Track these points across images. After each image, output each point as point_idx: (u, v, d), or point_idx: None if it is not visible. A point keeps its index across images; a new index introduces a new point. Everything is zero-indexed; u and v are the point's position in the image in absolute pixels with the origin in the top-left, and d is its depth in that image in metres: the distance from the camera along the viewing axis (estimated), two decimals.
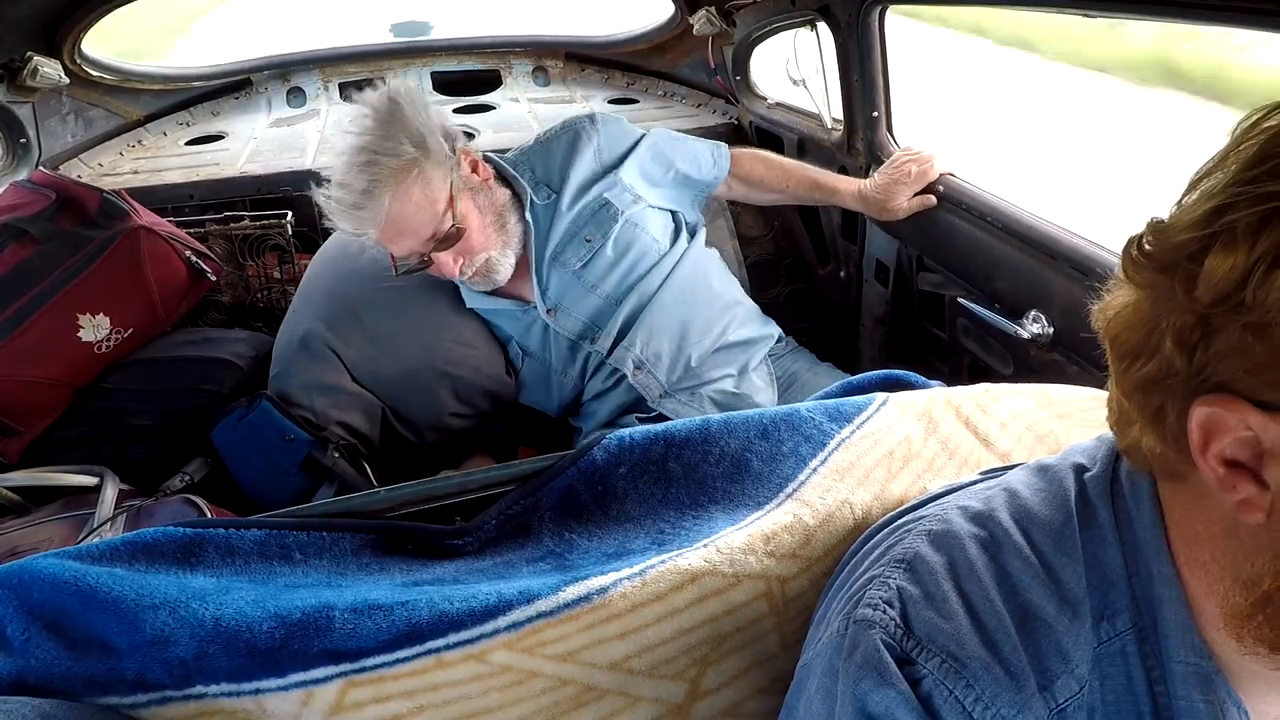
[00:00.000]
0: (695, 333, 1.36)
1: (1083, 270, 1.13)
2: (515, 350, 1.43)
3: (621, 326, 1.35)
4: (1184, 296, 0.41)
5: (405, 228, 1.23)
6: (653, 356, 1.34)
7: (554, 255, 1.35)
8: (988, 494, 0.56)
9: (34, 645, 0.61)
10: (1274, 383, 0.39)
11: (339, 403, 1.33)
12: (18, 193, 1.49)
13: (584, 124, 1.43)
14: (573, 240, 1.35)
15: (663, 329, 1.35)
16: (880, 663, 0.48)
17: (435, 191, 1.23)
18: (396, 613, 0.63)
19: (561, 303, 1.36)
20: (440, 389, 1.38)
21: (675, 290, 1.36)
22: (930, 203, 1.43)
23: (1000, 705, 0.46)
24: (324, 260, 1.52)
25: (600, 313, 1.36)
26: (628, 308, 1.34)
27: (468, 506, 0.81)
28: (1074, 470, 0.54)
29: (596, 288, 1.35)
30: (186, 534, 0.70)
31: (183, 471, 1.28)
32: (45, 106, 1.82)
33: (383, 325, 1.36)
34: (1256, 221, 0.38)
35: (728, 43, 2.06)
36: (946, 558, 0.52)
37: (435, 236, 1.24)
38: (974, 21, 8.14)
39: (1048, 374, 1.19)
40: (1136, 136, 5.51)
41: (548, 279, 1.36)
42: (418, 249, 1.26)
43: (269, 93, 2.39)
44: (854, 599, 0.54)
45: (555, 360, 1.40)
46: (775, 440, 0.79)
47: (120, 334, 1.43)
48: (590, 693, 0.64)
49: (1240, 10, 0.80)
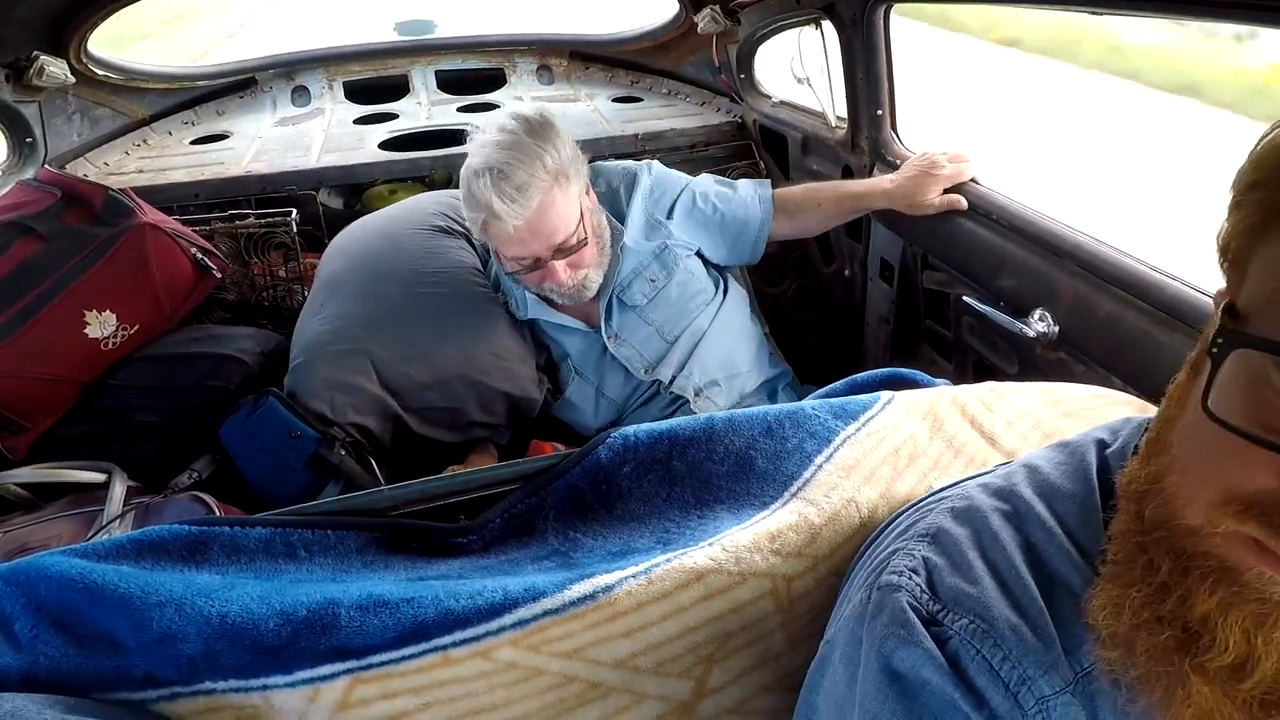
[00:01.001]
0: (742, 365, 1.47)
1: (1088, 268, 1.12)
2: (568, 369, 1.48)
3: (680, 359, 1.43)
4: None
5: (542, 230, 1.28)
6: (709, 384, 1.44)
7: (622, 287, 1.43)
8: (1007, 470, 0.57)
9: (42, 642, 0.62)
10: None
11: (357, 404, 1.33)
12: (24, 191, 1.50)
13: (641, 168, 1.51)
14: (638, 277, 1.43)
15: (714, 361, 1.44)
16: (906, 622, 0.48)
17: (573, 204, 1.31)
18: (403, 610, 0.63)
19: (621, 333, 1.44)
20: (468, 398, 1.39)
21: (721, 328, 1.46)
22: (960, 204, 1.38)
23: (1027, 665, 0.46)
24: (350, 255, 1.52)
25: (655, 347, 1.44)
26: (683, 344, 1.43)
27: (472, 505, 0.81)
28: (1096, 445, 0.54)
29: (654, 323, 1.44)
30: (192, 532, 0.70)
31: (190, 469, 1.29)
32: (51, 106, 1.82)
33: (420, 330, 1.38)
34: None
35: (732, 41, 2.06)
36: (970, 529, 0.52)
37: (563, 245, 1.31)
38: (1011, 35, 7.99)
39: (1053, 372, 1.19)
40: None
41: (614, 308, 1.44)
42: (540, 253, 1.31)
43: (274, 92, 2.39)
44: (876, 570, 0.54)
45: (605, 385, 1.47)
46: (780, 438, 0.79)
47: (127, 330, 1.43)
48: (596, 690, 0.65)
49: (1240, 8, 0.79)
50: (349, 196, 2.10)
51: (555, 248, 1.30)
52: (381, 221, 1.62)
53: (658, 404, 1.46)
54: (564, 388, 1.49)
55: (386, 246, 1.51)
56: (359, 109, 2.37)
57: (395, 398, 1.36)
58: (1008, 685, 0.46)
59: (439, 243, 1.52)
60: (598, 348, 1.45)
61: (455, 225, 1.58)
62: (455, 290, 1.43)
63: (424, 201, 1.71)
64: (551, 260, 1.31)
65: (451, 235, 1.56)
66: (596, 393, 1.47)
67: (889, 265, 1.66)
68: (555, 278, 1.32)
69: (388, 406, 1.35)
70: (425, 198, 1.76)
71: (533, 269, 1.32)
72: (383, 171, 2.03)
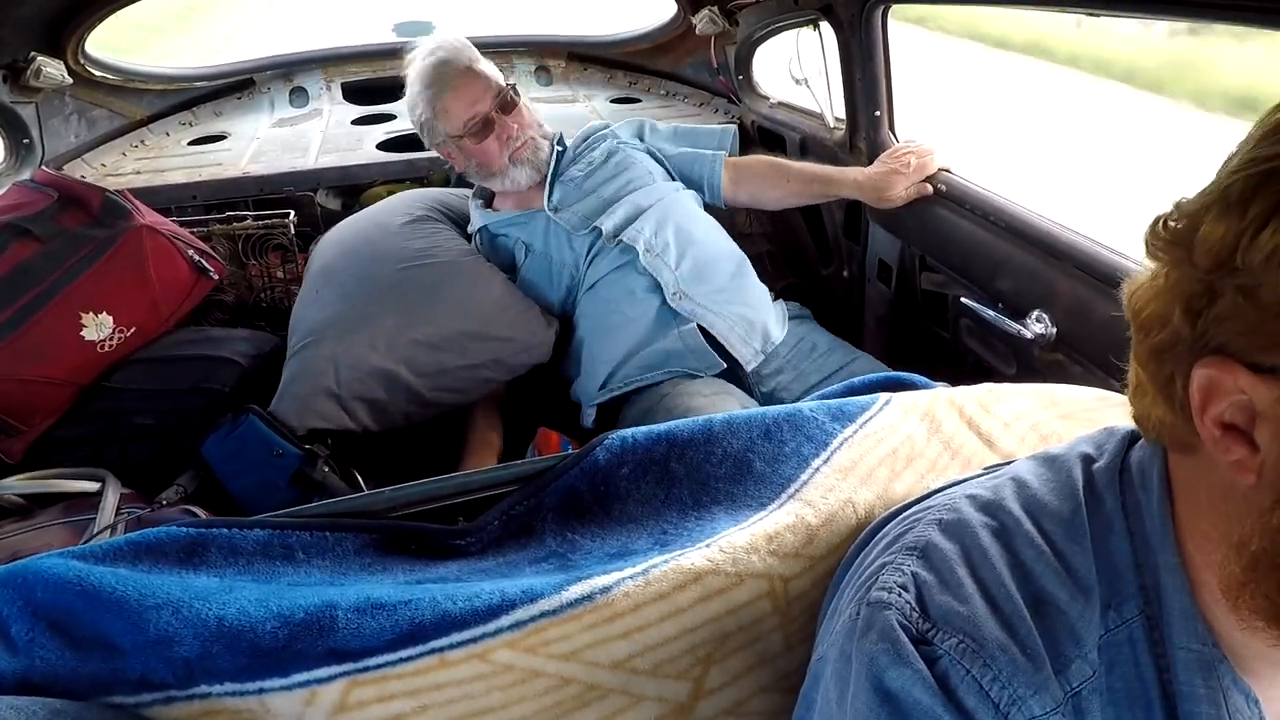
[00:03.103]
0: (702, 250, 1.53)
1: (1086, 270, 1.12)
2: (521, 253, 1.59)
3: (623, 215, 1.53)
4: (1190, 265, 0.43)
5: (480, 79, 1.51)
6: (660, 245, 1.50)
7: (561, 173, 1.61)
8: (995, 484, 0.56)
9: (38, 645, 0.61)
10: (1263, 345, 0.40)
11: (364, 377, 1.37)
12: (20, 192, 1.49)
13: (605, 129, 1.70)
14: (577, 161, 1.63)
15: (666, 227, 1.52)
16: (896, 641, 0.48)
17: (495, 75, 1.54)
18: (400, 612, 0.63)
19: (560, 205, 1.58)
20: (475, 351, 1.46)
21: (674, 208, 1.56)
22: (926, 190, 1.48)
23: (1017, 685, 0.46)
24: (341, 245, 1.58)
25: (592, 205, 1.57)
26: (624, 205, 1.54)
27: (470, 507, 0.81)
28: (1081, 460, 0.54)
29: (591, 190, 1.58)
30: (190, 534, 0.70)
31: (176, 483, 1.28)
32: (49, 107, 1.82)
33: (419, 297, 1.46)
34: (1250, 188, 0.40)
35: (730, 42, 2.06)
36: (959, 545, 0.52)
37: (500, 97, 1.51)
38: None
39: (1051, 374, 1.19)
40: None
41: (554, 190, 1.59)
42: (487, 109, 1.50)
43: (272, 93, 2.39)
44: (866, 585, 0.54)
45: (554, 252, 1.57)
46: (778, 440, 0.79)
47: (123, 333, 1.43)
48: (593, 692, 0.64)
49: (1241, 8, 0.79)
50: (347, 197, 2.10)
51: (495, 98, 1.50)
52: (370, 215, 1.68)
53: (606, 257, 1.53)
54: (519, 267, 1.60)
55: (376, 234, 1.58)
56: (357, 110, 2.37)
57: (405, 365, 1.39)
58: (998, 705, 0.46)
59: (426, 228, 1.60)
60: (542, 222, 1.57)
61: (442, 213, 1.67)
62: (447, 260, 1.53)
63: (411, 196, 1.76)
64: (498, 114, 1.50)
65: (438, 221, 1.64)
66: (549, 263, 1.57)
67: (887, 267, 1.66)
68: (508, 130, 1.51)
69: (396, 376, 1.38)
70: (413, 193, 1.79)
71: (483, 129, 1.50)
72: (380, 172, 2.03)
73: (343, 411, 1.36)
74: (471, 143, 1.51)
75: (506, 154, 1.52)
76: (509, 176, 1.55)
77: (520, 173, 1.55)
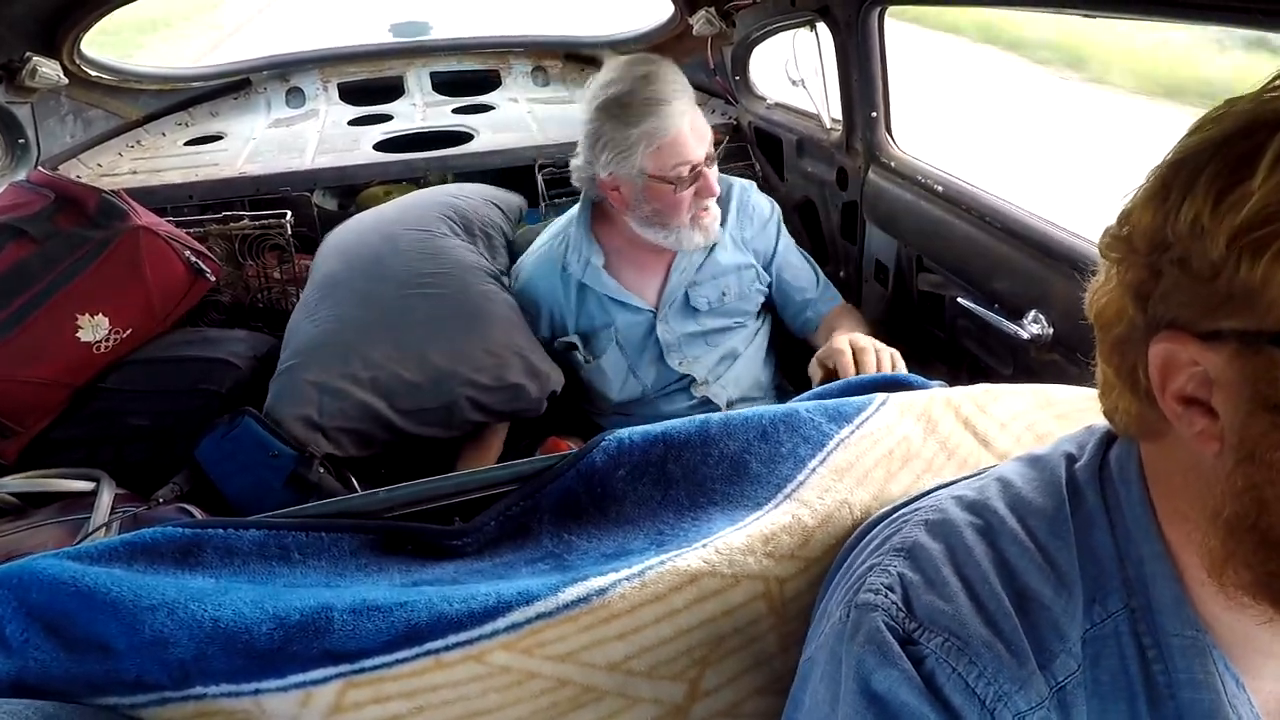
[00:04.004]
0: (745, 369, 1.51)
1: (1082, 271, 1.12)
2: (608, 338, 1.48)
3: (713, 364, 1.48)
4: (1134, 254, 0.46)
5: (700, 126, 1.34)
6: (740, 401, 1.47)
7: (697, 283, 1.47)
8: (981, 484, 0.57)
9: (32, 646, 0.61)
10: (1203, 310, 0.42)
11: (345, 407, 1.32)
12: (16, 193, 1.49)
13: (735, 182, 1.55)
14: (713, 281, 1.48)
15: (747, 380, 1.50)
16: (883, 643, 0.49)
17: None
18: (395, 614, 0.63)
19: (672, 321, 1.48)
20: (461, 396, 1.38)
21: (754, 352, 1.53)
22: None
23: (1002, 681, 0.47)
24: (346, 255, 1.52)
25: (697, 346, 1.49)
26: (721, 354, 1.49)
27: (467, 507, 0.81)
28: (1064, 459, 0.55)
29: (705, 326, 1.49)
30: (185, 534, 0.70)
31: (172, 482, 1.27)
32: (44, 107, 1.82)
33: (413, 331, 1.38)
34: (1170, 174, 0.44)
35: (727, 43, 2.06)
36: (945, 545, 0.53)
37: (708, 153, 1.35)
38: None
39: (1047, 374, 1.19)
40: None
41: (678, 299, 1.47)
42: (700, 158, 1.33)
43: (268, 93, 2.39)
44: (854, 587, 0.54)
45: (639, 364, 1.49)
46: (774, 441, 0.79)
47: (119, 334, 1.43)
48: (589, 693, 0.64)
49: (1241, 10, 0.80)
50: (344, 198, 2.10)
51: (708, 153, 1.34)
52: (380, 219, 1.62)
53: (683, 400, 1.49)
54: (598, 354, 1.48)
55: (384, 247, 1.51)
56: (354, 110, 2.37)
57: (385, 400, 1.34)
58: (984, 702, 0.46)
59: (438, 243, 1.52)
60: (645, 326, 1.47)
61: (458, 227, 1.58)
62: (451, 289, 1.43)
63: (425, 198, 1.70)
64: (704, 168, 1.34)
65: (453, 236, 1.56)
66: (629, 368, 1.48)
67: (884, 267, 1.66)
68: (709, 185, 1.34)
69: (378, 412, 1.34)
70: (427, 194, 1.76)
71: (693, 180, 1.33)
72: (378, 173, 2.03)
73: (326, 440, 1.32)
74: (666, 188, 1.32)
75: (691, 213, 1.36)
76: (680, 235, 1.38)
77: (693, 236, 1.39)
